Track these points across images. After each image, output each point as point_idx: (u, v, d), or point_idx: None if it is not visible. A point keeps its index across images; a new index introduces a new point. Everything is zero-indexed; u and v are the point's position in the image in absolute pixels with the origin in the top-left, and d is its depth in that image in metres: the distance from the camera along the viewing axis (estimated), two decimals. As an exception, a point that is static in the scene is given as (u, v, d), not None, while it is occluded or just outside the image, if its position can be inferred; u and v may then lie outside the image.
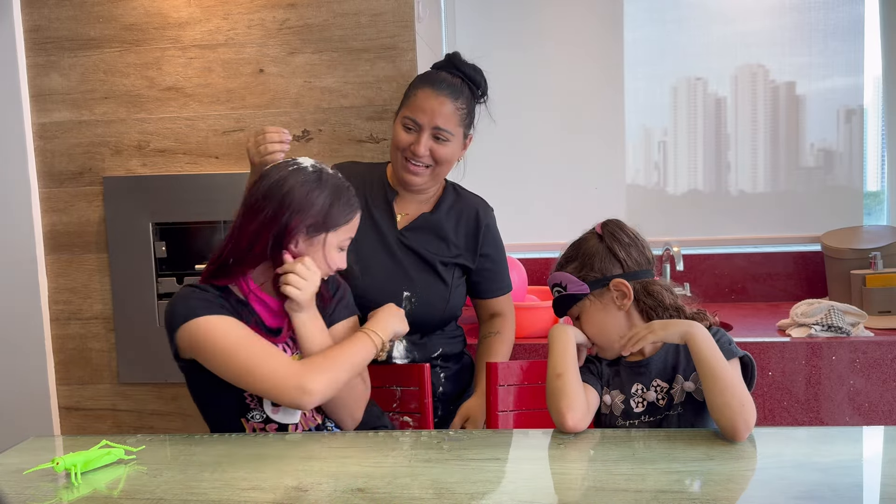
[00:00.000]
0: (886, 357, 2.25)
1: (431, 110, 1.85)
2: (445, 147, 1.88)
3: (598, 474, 1.28)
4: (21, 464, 1.39)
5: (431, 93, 1.86)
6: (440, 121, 1.85)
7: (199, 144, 2.42)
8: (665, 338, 1.48)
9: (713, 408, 1.41)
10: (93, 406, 2.53)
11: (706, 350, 1.43)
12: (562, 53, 3.05)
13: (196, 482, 1.29)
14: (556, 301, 1.62)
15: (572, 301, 1.60)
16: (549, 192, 3.07)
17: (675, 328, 1.48)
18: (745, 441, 1.38)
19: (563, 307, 1.62)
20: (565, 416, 1.44)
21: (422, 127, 1.85)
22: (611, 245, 1.59)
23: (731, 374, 1.42)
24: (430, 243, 1.94)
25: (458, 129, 1.89)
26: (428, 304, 1.91)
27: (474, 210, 1.99)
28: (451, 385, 1.97)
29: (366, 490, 1.23)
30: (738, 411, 1.37)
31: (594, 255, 1.59)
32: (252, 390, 1.49)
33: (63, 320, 2.52)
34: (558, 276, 1.61)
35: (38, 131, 2.47)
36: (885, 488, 1.22)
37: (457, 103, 1.87)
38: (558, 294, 1.61)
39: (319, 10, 2.34)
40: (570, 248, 1.65)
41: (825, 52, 2.92)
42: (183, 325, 1.48)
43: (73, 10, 2.42)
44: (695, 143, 3.04)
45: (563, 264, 1.62)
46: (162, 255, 2.44)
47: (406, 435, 1.49)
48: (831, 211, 2.94)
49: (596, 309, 1.58)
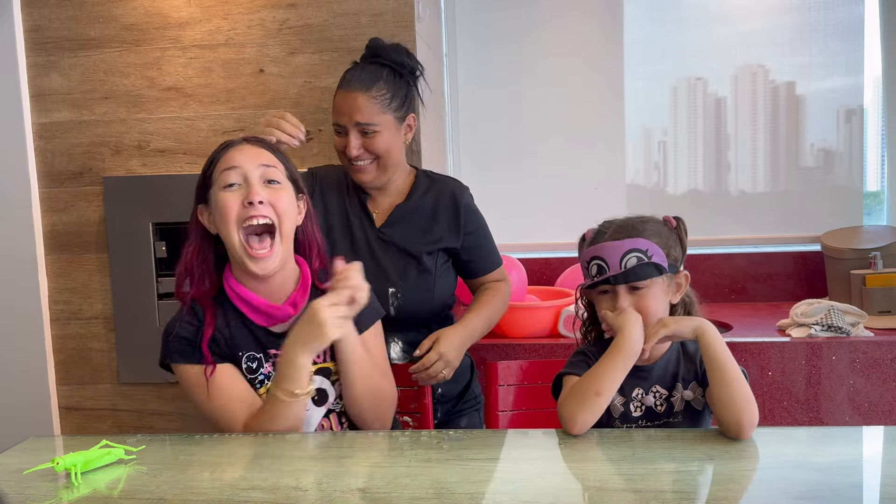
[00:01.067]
0: (886, 357, 2.26)
1: (347, 109, 1.83)
2: (376, 139, 1.85)
3: (598, 474, 1.28)
4: (21, 464, 1.39)
5: (342, 92, 1.85)
6: (358, 116, 1.83)
7: (199, 144, 2.42)
8: (677, 331, 1.47)
9: (719, 403, 1.40)
10: (93, 406, 2.53)
11: (717, 345, 1.43)
12: (562, 54, 3.05)
13: (196, 482, 1.29)
14: (634, 268, 1.49)
15: (652, 271, 1.51)
16: (549, 192, 3.07)
17: (688, 323, 1.47)
18: (745, 441, 1.38)
19: (639, 275, 1.50)
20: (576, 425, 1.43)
21: (346, 128, 1.85)
22: (681, 237, 1.58)
23: (738, 372, 1.42)
24: (410, 234, 1.93)
25: (382, 117, 1.85)
26: (413, 297, 1.90)
27: (450, 192, 1.96)
28: (450, 386, 1.97)
29: (366, 490, 1.23)
30: (744, 408, 1.38)
31: (670, 239, 1.56)
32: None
33: (63, 320, 2.52)
34: (643, 243, 1.51)
35: (38, 131, 2.47)
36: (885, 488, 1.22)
37: (371, 93, 1.83)
38: (638, 261, 1.49)
39: (319, 10, 2.34)
40: (639, 221, 1.55)
41: (825, 52, 2.93)
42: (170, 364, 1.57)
43: (73, 10, 2.42)
44: (695, 143, 3.05)
45: (641, 232, 1.52)
46: (162, 255, 2.43)
47: (406, 435, 1.49)
48: (831, 211, 2.94)
49: (661, 290, 1.53)
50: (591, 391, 1.45)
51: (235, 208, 1.47)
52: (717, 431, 1.43)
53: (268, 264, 1.49)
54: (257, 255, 1.48)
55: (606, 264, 1.51)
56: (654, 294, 1.52)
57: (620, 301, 1.51)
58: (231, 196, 1.48)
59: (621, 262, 1.50)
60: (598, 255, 1.53)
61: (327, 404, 1.59)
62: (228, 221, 1.47)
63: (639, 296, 1.51)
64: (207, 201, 1.54)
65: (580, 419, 1.43)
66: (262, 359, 1.55)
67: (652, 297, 1.51)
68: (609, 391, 1.45)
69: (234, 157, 1.49)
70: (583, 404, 1.44)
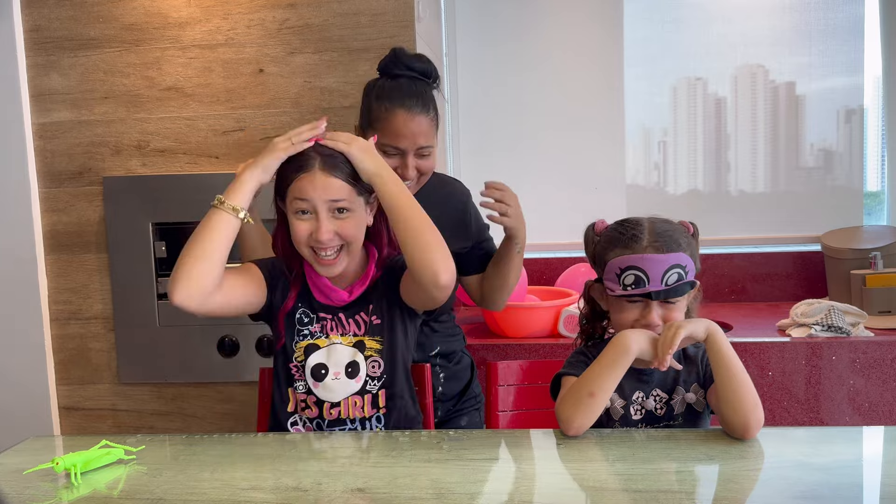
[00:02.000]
0: (886, 357, 2.26)
1: (411, 133, 1.75)
2: (429, 159, 1.82)
3: (598, 474, 1.28)
4: (21, 464, 1.39)
5: (407, 115, 1.76)
6: (422, 140, 1.78)
7: (199, 144, 2.42)
8: (693, 333, 1.44)
9: (728, 404, 1.40)
10: (93, 406, 2.53)
11: (725, 346, 1.43)
12: (562, 53, 3.06)
13: (196, 482, 1.29)
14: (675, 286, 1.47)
15: (687, 288, 1.48)
16: (549, 192, 3.07)
17: (700, 325, 1.45)
18: (746, 441, 1.38)
19: (678, 292, 1.48)
20: (573, 427, 1.43)
21: (405, 151, 1.78)
22: (697, 244, 1.56)
23: (746, 373, 1.42)
24: None
25: (435, 136, 1.83)
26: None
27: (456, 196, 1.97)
28: (450, 385, 1.97)
29: (366, 490, 1.23)
30: (753, 409, 1.38)
31: (693, 248, 1.53)
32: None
33: (63, 320, 2.52)
34: (684, 258, 1.48)
35: (38, 131, 2.47)
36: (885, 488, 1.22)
37: (430, 114, 1.79)
38: (679, 278, 1.47)
39: (319, 10, 2.34)
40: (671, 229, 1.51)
41: (825, 52, 2.93)
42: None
43: (73, 10, 2.42)
44: (695, 143, 3.05)
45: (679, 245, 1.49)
46: (162, 255, 2.44)
47: (406, 435, 1.49)
48: (831, 211, 2.95)
49: (685, 301, 1.51)
50: (585, 392, 1.44)
51: (305, 234, 1.54)
52: (716, 432, 1.43)
53: (333, 270, 1.57)
54: (324, 262, 1.56)
55: (647, 277, 1.46)
56: (681, 307, 1.52)
57: (653, 315, 1.48)
58: (302, 224, 1.54)
59: (663, 279, 1.46)
60: (637, 266, 1.47)
61: (358, 378, 1.60)
62: (299, 242, 1.55)
63: (668, 308, 1.50)
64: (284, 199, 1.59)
65: (577, 422, 1.43)
66: (314, 319, 1.62)
67: (679, 310, 1.51)
68: (603, 392, 1.44)
69: (305, 190, 1.52)
70: (578, 406, 1.44)
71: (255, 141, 2.39)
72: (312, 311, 1.63)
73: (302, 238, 1.54)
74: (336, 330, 1.62)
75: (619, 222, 1.56)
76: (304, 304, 1.63)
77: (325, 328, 1.62)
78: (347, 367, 1.59)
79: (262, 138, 2.39)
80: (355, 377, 1.60)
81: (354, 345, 1.61)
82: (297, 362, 1.61)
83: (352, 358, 1.60)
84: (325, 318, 1.62)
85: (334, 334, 1.61)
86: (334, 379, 1.59)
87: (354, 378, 1.60)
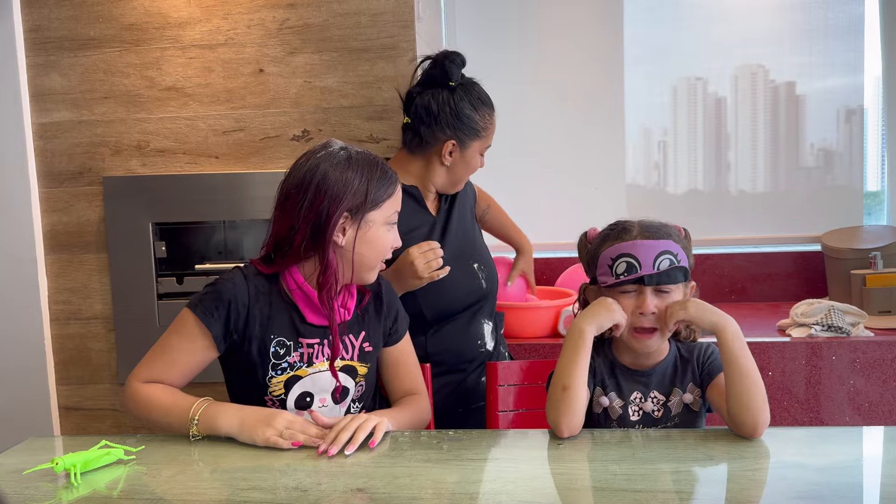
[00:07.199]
0: (886, 357, 2.25)
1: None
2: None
3: (598, 474, 1.28)
4: (21, 464, 1.39)
5: (495, 117, 1.97)
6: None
7: (198, 144, 2.42)
8: (697, 318, 1.44)
9: (737, 402, 1.39)
10: (93, 406, 2.53)
11: (738, 346, 1.42)
12: (562, 53, 3.05)
13: (196, 482, 1.29)
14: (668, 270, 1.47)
15: (680, 276, 1.49)
16: (549, 192, 3.07)
17: (709, 315, 1.44)
18: (746, 441, 1.38)
19: (671, 278, 1.48)
20: (562, 429, 1.43)
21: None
22: (690, 246, 1.57)
23: (758, 374, 1.41)
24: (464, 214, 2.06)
25: None
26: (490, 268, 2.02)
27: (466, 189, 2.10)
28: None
29: (366, 490, 1.23)
30: (761, 409, 1.38)
31: (687, 246, 1.55)
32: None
33: (63, 320, 2.52)
34: (674, 245, 1.49)
35: (38, 131, 2.47)
36: (885, 488, 1.22)
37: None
38: (670, 263, 1.47)
39: (319, 10, 2.34)
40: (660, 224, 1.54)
41: (825, 51, 2.92)
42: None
43: (73, 10, 2.42)
44: (695, 143, 3.05)
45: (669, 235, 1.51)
46: (162, 255, 2.43)
47: (406, 435, 1.49)
48: (831, 211, 2.94)
49: (679, 295, 1.51)
50: (559, 389, 1.45)
51: (389, 252, 1.58)
52: (716, 432, 1.43)
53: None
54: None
55: (638, 262, 1.47)
56: (676, 297, 1.50)
57: (647, 303, 1.47)
58: (391, 237, 1.57)
59: (655, 263, 1.47)
60: (628, 253, 1.48)
61: (344, 403, 1.60)
62: (382, 256, 1.56)
63: (662, 297, 1.49)
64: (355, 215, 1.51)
65: (562, 422, 1.43)
66: (292, 347, 1.54)
67: (673, 299, 1.50)
68: (576, 383, 1.44)
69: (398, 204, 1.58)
70: (558, 405, 1.44)
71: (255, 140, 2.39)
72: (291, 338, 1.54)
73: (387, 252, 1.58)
74: (323, 355, 1.55)
75: (610, 224, 1.59)
76: (281, 333, 1.54)
77: (306, 356, 1.55)
78: (334, 392, 1.56)
79: (261, 138, 2.39)
80: (342, 402, 1.59)
81: (343, 369, 1.57)
82: (274, 397, 1.54)
83: (341, 384, 1.57)
84: (309, 345, 1.55)
85: (319, 361, 1.55)
86: (321, 406, 1.56)
87: (341, 403, 1.59)
